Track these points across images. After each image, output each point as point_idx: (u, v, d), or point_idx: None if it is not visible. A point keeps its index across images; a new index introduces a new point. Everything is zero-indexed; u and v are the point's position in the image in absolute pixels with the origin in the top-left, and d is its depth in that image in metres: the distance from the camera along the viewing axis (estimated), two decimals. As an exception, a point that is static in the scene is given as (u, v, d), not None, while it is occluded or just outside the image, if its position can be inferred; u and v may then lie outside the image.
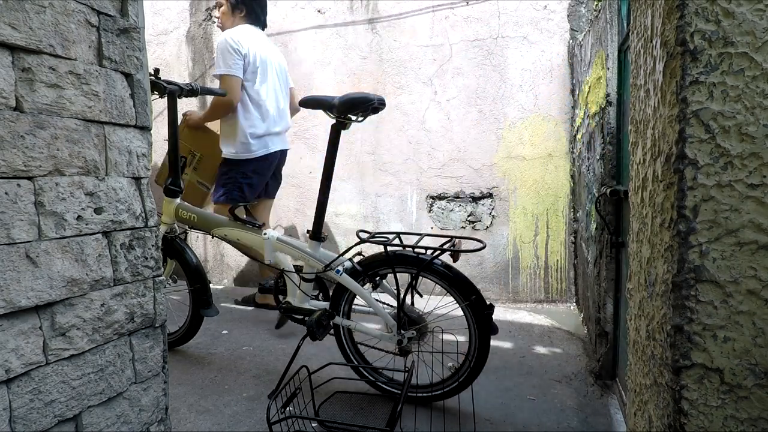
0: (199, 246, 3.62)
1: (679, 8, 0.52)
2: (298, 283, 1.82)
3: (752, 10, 0.50)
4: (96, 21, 1.02)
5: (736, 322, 0.52)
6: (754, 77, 0.51)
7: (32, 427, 0.91)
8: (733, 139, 0.51)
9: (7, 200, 0.86)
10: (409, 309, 1.69)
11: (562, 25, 2.81)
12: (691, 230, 0.53)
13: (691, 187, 0.52)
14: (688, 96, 0.52)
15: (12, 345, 0.87)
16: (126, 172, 1.10)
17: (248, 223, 1.93)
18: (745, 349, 0.52)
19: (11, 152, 0.86)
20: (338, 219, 3.28)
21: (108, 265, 1.06)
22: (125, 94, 1.09)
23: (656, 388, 0.60)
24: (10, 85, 0.86)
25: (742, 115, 0.51)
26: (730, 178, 0.52)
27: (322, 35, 3.23)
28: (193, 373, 1.98)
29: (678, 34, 0.52)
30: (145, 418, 1.16)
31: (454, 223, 3.05)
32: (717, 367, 0.53)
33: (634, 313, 0.72)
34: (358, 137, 3.19)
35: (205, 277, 2.06)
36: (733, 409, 0.53)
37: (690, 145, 0.52)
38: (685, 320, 0.53)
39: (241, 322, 2.62)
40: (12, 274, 0.86)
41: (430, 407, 1.67)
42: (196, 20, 3.54)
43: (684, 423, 0.54)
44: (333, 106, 1.73)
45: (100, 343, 1.04)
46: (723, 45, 0.51)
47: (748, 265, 0.52)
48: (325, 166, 1.80)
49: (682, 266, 0.53)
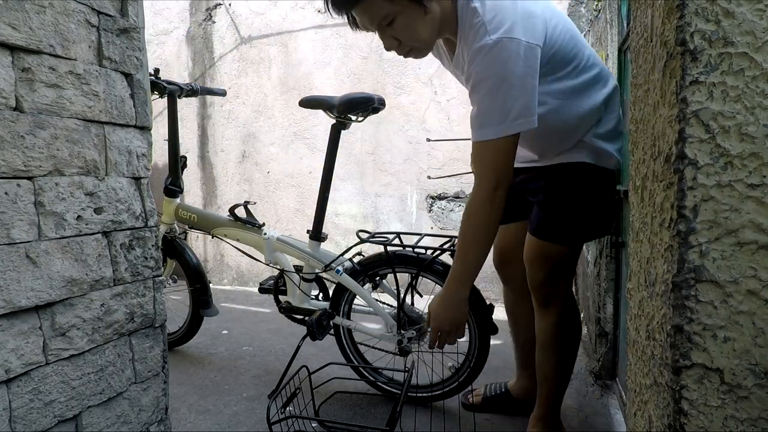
0: (199, 246, 3.62)
1: (679, 8, 0.52)
2: (298, 283, 1.82)
3: (752, 10, 0.50)
4: (96, 21, 1.02)
5: (736, 322, 0.52)
6: (754, 77, 0.51)
7: (32, 427, 0.91)
8: (733, 139, 0.51)
9: (7, 200, 0.86)
10: (409, 309, 1.69)
11: (562, 25, 2.81)
12: (691, 230, 0.53)
13: (691, 187, 0.52)
14: (688, 96, 0.52)
15: (12, 345, 0.87)
16: (126, 172, 1.10)
17: (248, 223, 1.93)
18: (745, 349, 0.52)
19: (11, 152, 0.86)
20: (338, 219, 3.28)
21: (108, 265, 1.06)
22: (125, 94, 1.09)
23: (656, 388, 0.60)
24: (10, 85, 0.86)
25: (742, 115, 0.51)
26: (730, 178, 0.52)
27: (322, 35, 3.23)
28: (193, 373, 1.98)
29: (678, 34, 0.52)
30: (145, 418, 1.16)
31: (454, 223, 3.05)
32: (717, 367, 0.53)
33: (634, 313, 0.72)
34: (358, 137, 3.19)
35: (205, 277, 2.06)
36: (733, 409, 0.53)
37: (690, 145, 0.52)
38: (685, 320, 0.53)
39: (241, 322, 2.62)
40: (12, 274, 0.86)
41: (430, 407, 1.67)
42: (196, 20, 3.54)
43: (684, 423, 0.54)
44: (333, 106, 1.73)
45: (100, 343, 1.04)
46: (723, 45, 0.51)
47: (748, 265, 0.52)
48: (325, 166, 1.80)
49: (682, 266, 0.53)
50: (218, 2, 3.45)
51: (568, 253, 1.28)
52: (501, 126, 1.03)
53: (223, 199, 3.56)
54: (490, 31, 1.01)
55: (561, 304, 1.31)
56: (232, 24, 3.44)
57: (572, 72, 1.14)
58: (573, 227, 1.26)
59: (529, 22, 1.03)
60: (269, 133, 3.41)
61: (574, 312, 1.35)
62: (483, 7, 1.03)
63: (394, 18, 1.05)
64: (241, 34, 3.42)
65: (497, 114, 1.03)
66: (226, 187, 3.56)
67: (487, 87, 1.03)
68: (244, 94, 3.44)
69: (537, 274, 1.30)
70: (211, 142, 3.57)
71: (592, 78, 1.17)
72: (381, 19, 1.06)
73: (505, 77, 1.01)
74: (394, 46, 1.12)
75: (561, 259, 1.28)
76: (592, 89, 1.17)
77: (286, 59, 3.33)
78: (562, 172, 1.23)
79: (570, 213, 1.24)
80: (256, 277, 3.47)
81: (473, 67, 1.05)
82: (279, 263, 1.88)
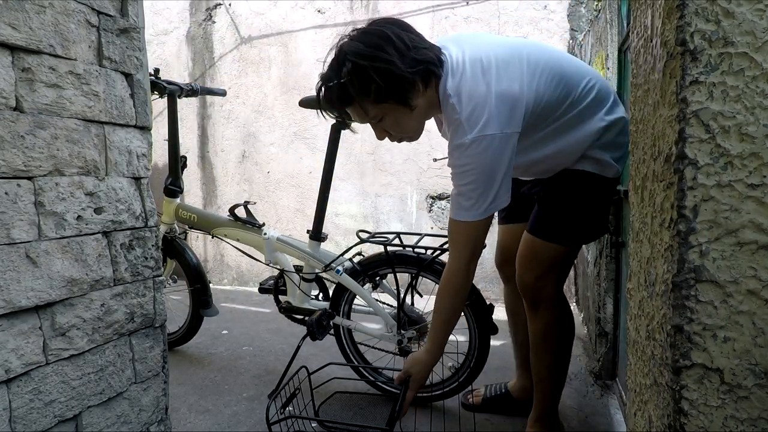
0: (199, 246, 3.62)
1: (679, 8, 0.52)
2: (298, 283, 1.82)
3: (752, 10, 0.50)
4: (96, 21, 1.02)
5: (736, 322, 0.52)
6: (754, 77, 0.51)
7: (32, 427, 0.91)
8: (733, 139, 0.51)
9: (7, 200, 0.86)
10: (409, 309, 1.69)
11: (562, 25, 2.81)
12: (691, 230, 0.53)
13: (691, 187, 0.52)
14: (688, 96, 0.52)
15: (12, 345, 0.87)
16: (126, 172, 1.10)
17: (248, 223, 1.93)
18: (745, 349, 0.52)
19: (11, 152, 0.86)
20: (338, 219, 3.28)
21: (108, 265, 1.06)
22: (125, 94, 1.09)
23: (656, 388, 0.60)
24: (10, 85, 0.86)
25: (742, 115, 0.51)
26: (730, 178, 0.52)
27: (322, 35, 3.23)
28: (193, 373, 1.98)
29: (678, 34, 0.52)
30: (145, 418, 1.16)
31: (454, 223, 3.05)
32: (717, 367, 0.53)
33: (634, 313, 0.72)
34: (358, 137, 3.18)
35: (205, 277, 2.06)
36: (733, 409, 0.53)
37: (690, 145, 0.52)
38: (685, 320, 0.53)
39: (241, 322, 2.62)
40: (12, 274, 0.86)
41: (430, 407, 1.67)
42: (196, 20, 3.54)
43: (684, 423, 0.54)
44: (333, 106, 1.73)
45: (100, 343, 1.04)
46: (723, 45, 0.51)
47: (748, 265, 0.52)
48: (325, 166, 1.80)
49: (682, 266, 0.53)
50: (218, 2, 3.45)
51: (560, 254, 1.29)
52: (478, 211, 1.12)
53: (223, 199, 3.56)
54: (467, 130, 1.08)
55: (551, 307, 1.32)
56: (232, 24, 3.44)
57: (567, 109, 1.17)
58: (568, 227, 1.27)
59: (503, 110, 1.08)
60: (269, 133, 3.41)
61: (566, 314, 1.35)
62: (460, 105, 1.09)
63: (382, 117, 1.14)
64: (241, 34, 3.42)
65: (476, 201, 1.11)
66: (226, 187, 3.56)
67: (466, 179, 1.11)
68: (244, 94, 3.44)
69: (526, 275, 1.32)
70: (211, 142, 3.57)
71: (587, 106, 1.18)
72: (371, 118, 1.15)
73: (482, 170, 1.09)
74: (384, 137, 1.21)
75: (552, 260, 1.29)
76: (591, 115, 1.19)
77: (286, 59, 3.33)
78: (563, 176, 1.25)
79: (566, 212, 1.26)
80: (256, 277, 3.47)
81: (453, 160, 1.13)
82: (279, 263, 1.88)
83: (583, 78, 1.19)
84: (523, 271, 1.32)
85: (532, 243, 1.30)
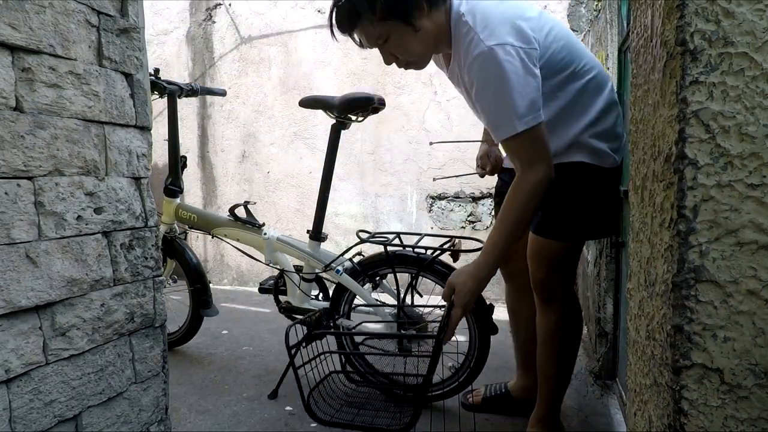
0: (199, 246, 3.62)
1: (679, 8, 0.52)
2: (298, 283, 1.82)
3: (752, 10, 0.50)
4: (96, 21, 1.02)
5: (736, 322, 0.52)
6: (754, 77, 0.51)
7: (32, 427, 0.91)
8: (733, 139, 0.51)
9: (7, 200, 0.86)
10: (409, 309, 1.69)
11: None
12: (691, 230, 0.53)
13: (691, 187, 0.52)
14: (688, 96, 0.52)
15: (12, 345, 0.87)
16: (126, 172, 1.10)
17: (248, 223, 1.93)
18: (745, 349, 0.52)
19: (11, 152, 0.86)
20: (338, 219, 3.28)
21: (108, 265, 1.06)
22: (125, 94, 1.09)
23: (656, 388, 0.60)
24: (10, 85, 0.86)
25: (742, 115, 0.51)
26: (730, 178, 0.52)
27: (322, 35, 3.23)
28: (193, 373, 1.98)
29: (678, 34, 0.52)
30: (145, 418, 1.16)
31: (454, 223, 3.05)
32: (717, 367, 0.53)
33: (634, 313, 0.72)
34: (358, 137, 3.19)
35: (205, 277, 2.06)
36: (733, 409, 0.53)
37: (690, 145, 0.52)
38: (685, 320, 0.53)
39: (241, 322, 2.62)
40: (12, 274, 0.86)
41: (431, 407, 1.67)
42: (196, 20, 3.54)
43: (684, 423, 0.54)
44: (333, 106, 1.73)
45: (100, 343, 1.04)
46: (723, 45, 0.51)
47: (748, 265, 0.52)
48: (325, 166, 1.80)
49: (682, 266, 0.53)
50: (218, 2, 3.45)
51: (568, 250, 1.30)
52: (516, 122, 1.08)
53: (223, 199, 3.56)
54: (484, 40, 1.07)
55: (562, 302, 1.33)
56: (232, 24, 3.44)
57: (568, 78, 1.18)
58: (572, 224, 1.28)
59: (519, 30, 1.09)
60: (269, 133, 3.41)
61: (576, 310, 1.36)
62: (474, 20, 1.10)
63: (387, 37, 1.15)
64: (241, 34, 3.42)
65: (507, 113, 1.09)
66: (226, 187, 3.56)
67: (491, 91, 1.10)
68: (244, 94, 3.44)
69: (538, 272, 1.32)
70: (211, 142, 3.57)
71: (585, 84, 1.20)
72: (376, 39, 1.16)
73: (505, 79, 1.07)
74: (392, 61, 1.21)
75: (561, 257, 1.30)
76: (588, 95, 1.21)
77: (286, 59, 3.33)
78: (560, 171, 1.25)
79: (569, 210, 1.27)
80: (256, 277, 3.47)
81: (473, 75, 1.11)
82: (279, 263, 1.88)
83: (586, 57, 1.22)
84: (535, 269, 1.34)
85: (538, 242, 1.31)
